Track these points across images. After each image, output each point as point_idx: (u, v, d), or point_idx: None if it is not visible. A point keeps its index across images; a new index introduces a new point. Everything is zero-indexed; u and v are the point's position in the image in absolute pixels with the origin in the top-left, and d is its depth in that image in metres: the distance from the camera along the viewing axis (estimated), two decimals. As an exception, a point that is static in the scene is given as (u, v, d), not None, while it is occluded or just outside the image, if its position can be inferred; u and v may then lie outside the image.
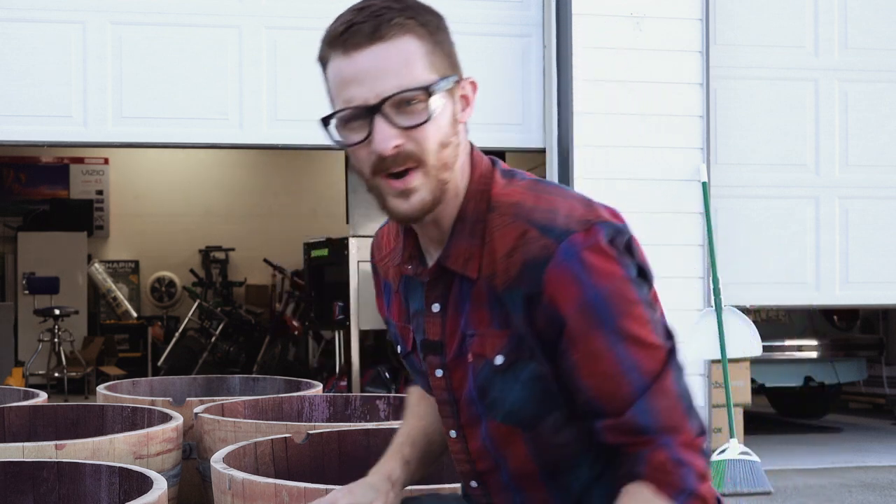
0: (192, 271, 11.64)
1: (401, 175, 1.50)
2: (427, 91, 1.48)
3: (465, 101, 1.56)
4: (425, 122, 1.48)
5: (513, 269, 1.50)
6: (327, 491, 1.90)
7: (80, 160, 12.05)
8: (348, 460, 2.54)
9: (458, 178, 1.56)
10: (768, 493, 5.40)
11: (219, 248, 11.94)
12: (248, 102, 5.89)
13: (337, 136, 1.52)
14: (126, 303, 12.03)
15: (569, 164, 6.02)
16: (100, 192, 12.12)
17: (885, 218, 6.62)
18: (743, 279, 6.37)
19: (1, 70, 5.66)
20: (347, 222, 7.32)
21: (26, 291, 10.55)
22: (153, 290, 12.29)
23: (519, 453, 1.59)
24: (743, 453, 5.45)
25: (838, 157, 6.59)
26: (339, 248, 7.20)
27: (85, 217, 11.85)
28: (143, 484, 1.99)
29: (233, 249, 11.96)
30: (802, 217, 6.54)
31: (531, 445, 1.58)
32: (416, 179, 1.50)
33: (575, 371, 1.49)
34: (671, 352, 1.52)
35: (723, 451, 5.48)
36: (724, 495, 5.32)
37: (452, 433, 1.65)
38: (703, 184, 6.10)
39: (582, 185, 6.01)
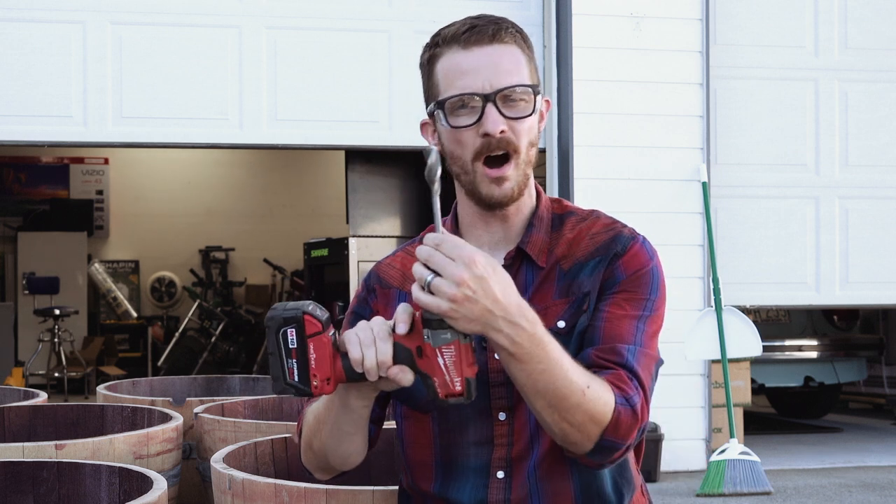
0: (192, 271, 11.64)
1: (498, 164, 1.73)
2: (533, 90, 1.74)
3: (541, 115, 1.81)
4: (528, 116, 1.74)
5: (596, 243, 1.78)
6: (328, 491, 1.90)
7: (80, 160, 12.05)
8: (348, 460, 2.53)
9: (531, 183, 1.82)
10: (768, 493, 5.40)
11: (219, 248, 11.94)
12: (248, 102, 5.89)
13: (444, 120, 1.74)
14: (126, 303, 12.03)
15: (569, 164, 6.02)
16: (100, 192, 12.12)
17: (885, 218, 6.62)
18: (743, 279, 6.37)
19: (1, 70, 5.67)
20: (347, 222, 7.32)
21: (26, 291, 10.55)
22: (153, 290, 12.29)
23: None
24: (743, 453, 5.45)
25: (838, 157, 6.59)
26: (339, 248, 7.20)
27: (85, 217, 11.85)
28: (143, 484, 1.99)
29: (233, 249, 11.96)
30: (802, 217, 6.53)
31: None
32: (509, 169, 1.73)
33: (602, 317, 1.73)
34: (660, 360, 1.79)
35: (723, 451, 5.47)
36: (724, 495, 5.33)
37: (502, 415, 1.76)
38: (703, 184, 6.10)
39: (582, 185, 6.02)
